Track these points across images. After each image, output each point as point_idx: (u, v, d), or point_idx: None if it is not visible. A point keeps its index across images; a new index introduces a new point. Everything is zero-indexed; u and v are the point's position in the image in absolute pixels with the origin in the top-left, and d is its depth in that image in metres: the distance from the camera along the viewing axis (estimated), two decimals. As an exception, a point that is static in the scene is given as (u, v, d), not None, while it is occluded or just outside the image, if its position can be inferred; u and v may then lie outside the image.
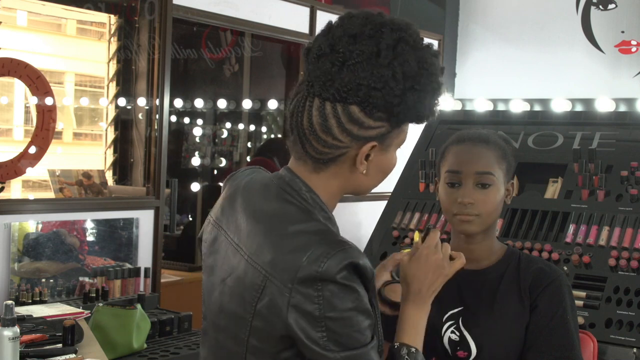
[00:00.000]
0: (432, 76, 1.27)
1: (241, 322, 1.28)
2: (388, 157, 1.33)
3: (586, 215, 2.91)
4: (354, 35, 1.24)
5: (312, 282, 1.18)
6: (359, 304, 1.21)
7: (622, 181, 2.95)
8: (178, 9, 3.38)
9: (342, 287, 1.19)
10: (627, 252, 2.73)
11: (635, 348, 2.50)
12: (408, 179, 3.43)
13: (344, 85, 1.22)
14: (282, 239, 1.25)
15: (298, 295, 1.19)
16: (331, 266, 1.18)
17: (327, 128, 1.25)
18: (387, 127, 1.28)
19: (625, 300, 2.62)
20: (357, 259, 1.21)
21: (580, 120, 3.38)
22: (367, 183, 1.34)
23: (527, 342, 1.68)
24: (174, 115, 5.30)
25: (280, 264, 1.22)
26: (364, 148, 1.27)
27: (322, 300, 1.18)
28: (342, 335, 1.20)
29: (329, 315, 1.19)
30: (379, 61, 1.22)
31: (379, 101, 1.23)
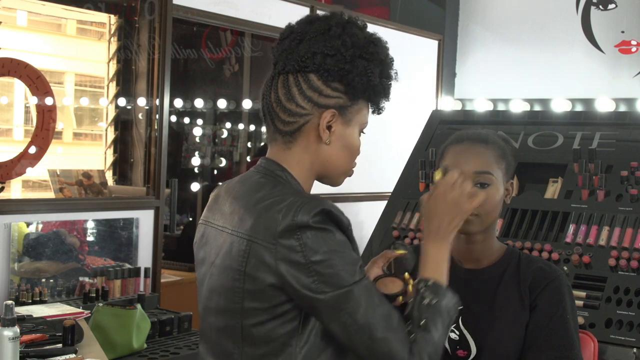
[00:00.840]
0: (378, 48, 1.42)
1: (232, 292, 1.35)
2: (349, 132, 1.44)
3: (586, 215, 2.91)
4: (310, 21, 1.45)
5: (291, 232, 1.29)
6: (340, 242, 1.31)
7: (622, 181, 2.95)
8: (178, 9, 3.38)
9: (318, 230, 1.29)
10: (627, 252, 2.73)
11: (635, 348, 2.50)
12: (408, 179, 3.43)
13: (301, 56, 1.40)
14: (257, 205, 1.35)
15: (282, 249, 1.29)
16: (304, 214, 1.29)
17: (290, 96, 1.41)
18: (345, 99, 1.42)
19: (625, 300, 2.62)
20: (329, 207, 1.32)
21: (580, 120, 3.38)
22: (335, 159, 1.44)
23: (527, 341, 1.68)
24: (174, 115, 5.30)
25: (260, 225, 1.32)
26: (324, 114, 1.40)
27: (304, 247, 1.28)
28: (330, 275, 1.28)
29: (313, 259, 1.28)
30: (330, 34, 1.40)
31: (332, 67, 1.38)
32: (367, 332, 1.29)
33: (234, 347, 1.37)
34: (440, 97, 5.06)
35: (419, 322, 1.34)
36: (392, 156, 4.36)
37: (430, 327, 1.34)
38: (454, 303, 1.42)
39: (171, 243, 4.68)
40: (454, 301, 1.42)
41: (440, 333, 1.36)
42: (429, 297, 1.37)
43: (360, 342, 1.29)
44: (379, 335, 1.29)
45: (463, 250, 1.77)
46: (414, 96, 4.80)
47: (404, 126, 4.60)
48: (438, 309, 1.37)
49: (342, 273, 1.28)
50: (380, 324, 1.29)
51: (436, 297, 1.38)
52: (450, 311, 1.40)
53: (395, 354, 1.29)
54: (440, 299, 1.38)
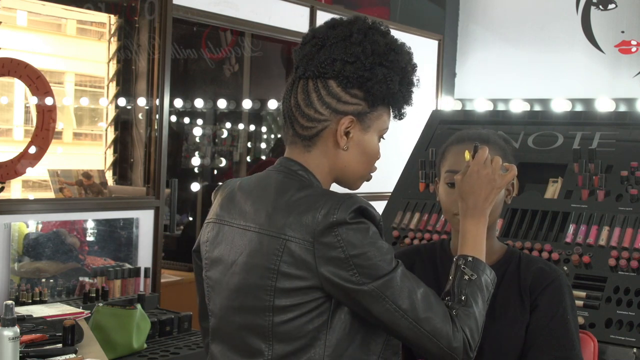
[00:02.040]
0: (399, 56, 1.44)
1: (262, 290, 1.37)
2: (368, 138, 1.46)
3: (586, 215, 2.91)
4: (332, 26, 1.45)
5: (329, 230, 1.32)
6: (374, 236, 1.35)
7: (622, 181, 2.95)
8: (178, 9, 3.38)
9: (353, 225, 1.33)
10: (627, 252, 2.73)
11: (635, 348, 2.50)
12: (408, 179, 3.42)
13: (321, 62, 1.41)
14: (290, 205, 1.37)
15: (321, 247, 1.33)
16: (342, 212, 1.33)
17: (309, 102, 1.42)
18: (364, 106, 1.43)
19: (625, 300, 2.62)
20: (364, 205, 1.36)
21: (580, 120, 3.38)
22: (353, 164, 1.46)
23: (527, 341, 1.68)
24: (174, 115, 5.30)
25: (297, 225, 1.35)
26: (342, 121, 1.42)
27: (343, 243, 1.32)
28: (370, 267, 1.33)
29: (353, 253, 1.32)
30: (351, 40, 1.41)
31: (352, 74, 1.40)
32: (411, 315, 1.34)
33: (263, 344, 1.39)
34: (440, 97, 5.06)
35: (460, 297, 1.41)
36: (392, 156, 4.36)
37: (470, 302, 1.41)
38: (492, 278, 1.49)
39: (171, 243, 4.68)
40: (492, 276, 1.49)
41: (480, 308, 1.42)
42: (468, 273, 1.44)
43: (405, 326, 1.34)
44: (422, 315, 1.34)
45: (463, 250, 1.76)
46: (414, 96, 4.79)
47: (404, 126, 4.60)
48: (478, 285, 1.44)
49: (381, 263, 1.33)
50: (421, 305, 1.35)
51: (475, 273, 1.44)
52: (489, 286, 1.47)
53: (439, 331, 1.35)
54: (480, 275, 1.45)
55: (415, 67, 1.48)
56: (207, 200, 5.40)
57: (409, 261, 1.82)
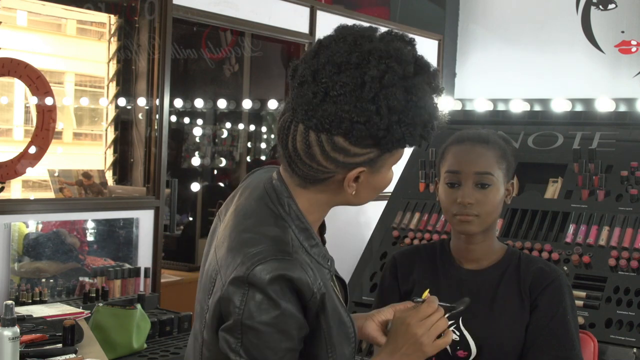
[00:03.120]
0: (420, 109, 1.19)
1: (202, 314, 1.29)
2: (381, 177, 1.27)
3: (586, 215, 2.91)
4: (338, 65, 1.17)
5: (240, 285, 1.17)
6: (280, 322, 1.17)
7: (622, 181, 2.95)
8: (178, 9, 3.38)
9: (268, 299, 1.16)
10: (627, 252, 2.73)
11: (635, 348, 2.50)
12: (408, 179, 3.42)
13: (326, 116, 1.16)
14: (238, 236, 1.24)
15: (227, 295, 1.18)
16: (260, 272, 1.16)
17: (311, 155, 1.20)
18: (376, 152, 1.22)
19: (625, 300, 2.62)
20: (291, 272, 1.17)
21: (580, 120, 3.38)
22: (358, 201, 1.30)
23: (527, 341, 1.68)
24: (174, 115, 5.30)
25: (226, 260, 1.22)
26: (351, 173, 1.22)
27: (244, 306, 1.16)
28: (253, 345, 1.17)
29: (246, 322, 1.16)
30: (362, 94, 1.15)
31: (363, 134, 1.17)
32: None
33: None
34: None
35: None
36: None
37: None
38: None
39: (171, 243, 4.68)
40: None
41: None
42: None
43: None
44: None
45: (463, 250, 1.77)
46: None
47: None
48: None
49: (267, 351, 1.17)
50: None
51: None
52: None
53: None
54: None
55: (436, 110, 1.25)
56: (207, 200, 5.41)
57: (409, 261, 1.83)
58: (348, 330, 1.29)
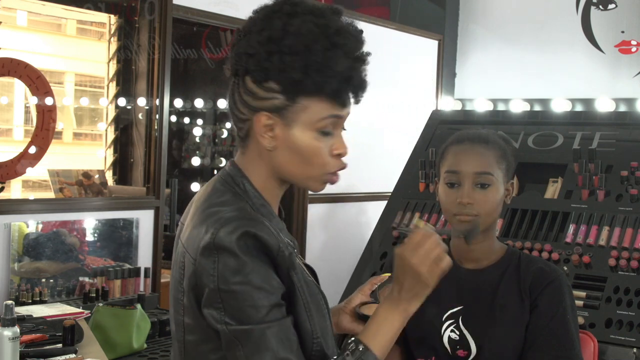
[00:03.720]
0: (297, 37, 1.23)
1: (178, 303, 1.29)
2: (295, 134, 1.26)
3: (586, 215, 2.91)
4: (250, 17, 1.32)
5: (209, 252, 1.19)
6: (254, 278, 1.18)
7: (622, 181, 2.95)
8: (178, 9, 3.38)
9: (236, 258, 1.18)
10: (627, 252, 2.73)
11: (635, 348, 2.50)
12: (408, 179, 3.42)
13: (232, 58, 1.30)
14: (201, 214, 1.26)
15: (200, 267, 1.20)
16: (225, 233, 1.18)
17: (234, 102, 1.31)
18: (281, 99, 1.25)
19: (625, 300, 2.62)
20: (254, 229, 1.19)
21: (580, 120, 3.38)
22: (286, 165, 1.29)
23: (527, 341, 1.68)
24: (174, 115, 5.30)
25: (192, 237, 1.24)
26: (257, 117, 1.27)
27: (217, 272, 1.18)
28: (235, 308, 1.18)
29: (222, 287, 1.18)
30: (253, 30, 1.27)
31: (255, 68, 1.25)
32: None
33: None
34: (440, 97, 5.06)
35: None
36: (392, 156, 4.36)
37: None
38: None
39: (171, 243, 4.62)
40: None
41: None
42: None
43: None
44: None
45: (463, 250, 1.77)
46: (414, 96, 4.80)
47: (404, 126, 4.60)
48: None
49: (249, 310, 1.17)
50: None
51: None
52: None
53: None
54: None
55: (333, 45, 1.23)
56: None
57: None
58: (320, 302, 1.30)
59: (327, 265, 3.83)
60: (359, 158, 4.29)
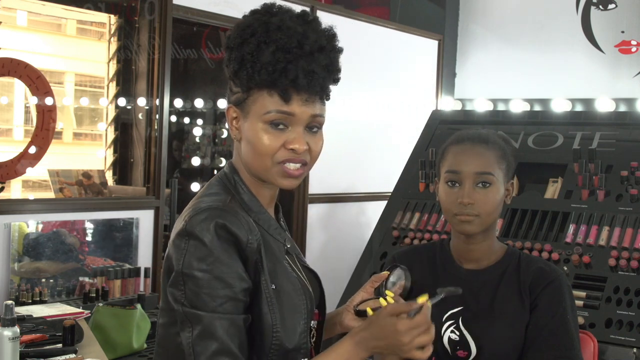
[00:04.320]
0: (241, 32, 1.31)
1: (164, 291, 1.33)
2: (247, 126, 1.33)
3: (586, 215, 2.91)
4: None
5: (180, 237, 1.26)
6: (215, 268, 1.23)
7: (622, 181, 2.95)
8: (178, 9, 3.38)
9: (202, 245, 1.23)
10: (627, 252, 2.73)
11: (635, 348, 2.50)
12: (408, 179, 3.42)
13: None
14: (187, 207, 1.34)
15: (171, 250, 1.28)
16: (198, 221, 1.24)
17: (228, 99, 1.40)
18: (240, 93, 1.34)
19: (625, 300, 2.62)
20: (223, 219, 1.25)
21: (580, 120, 3.38)
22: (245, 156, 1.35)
23: (527, 341, 1.68)
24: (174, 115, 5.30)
25: (174, 227, 1.31)
26: (227, 111, 1.37)
27: (184, 257, 1.24)
28: (193, 292, 1.23)
29: (185, 271, 1.24)
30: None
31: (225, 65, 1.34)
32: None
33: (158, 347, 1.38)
34: (440, 97, 5.06)
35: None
36: (392, 156, 4.36)
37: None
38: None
39: (171, 243, 4.67)
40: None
41: None
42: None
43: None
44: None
45: (463, 250, 1.77)
46: (414, 96, 4.80)
47: (404, 126, 4.60)
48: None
49: (205, 297, 1.22)
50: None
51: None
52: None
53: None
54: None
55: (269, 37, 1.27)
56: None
57: (409, 261, 1.83)
58: (295, 302, 1.33)
59: (327, 265, 3.83)
60: (359, 158, 4.29)
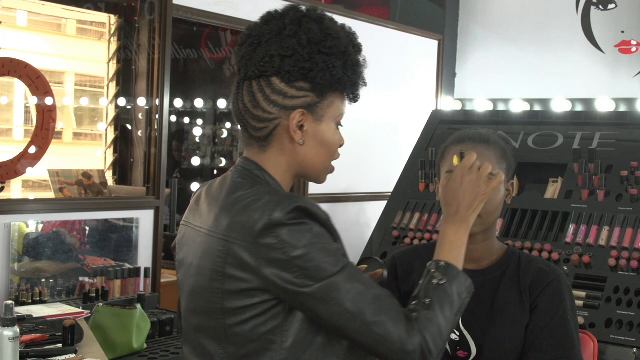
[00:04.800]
0: (337, 40, 1.37)
1: (211, 292, 1.35)
2: (323, 128, 1.40)
3: (586, 215, 2.91)
4: (266, 21, 1.41)
5: (268, 231, 1.28)
6: (318, 235, 1.30)
7: (622, 181, 2.95)
8: (178, 9, 3.38)
9: (294, 225, 1.28)
10: (627, 252, 2.73)
11: (635, 348, 2.50)
12: (408, 179, 3.43)
13: (259, 60, 1.37)
14: (234, 205, 1.34)
15: (262, 248, 1.28)
16: (280, 211, 1.28)
17: (256, 103, 1.38)
18: (312, 96, 1.38)
19: (625, 300, 2.62)
20: (304, 204, 1.30)
21: (580, 120, 3.38)
22: (312, 157, 1.41)
23: (527, 342, 1.68)
24: (174, 115, 5.30)
25: (237, 225, 1.31)
26: (292, 115, 1.37)
27: (283, 244, 1.27)
28: (312, 268, 1.27)
29: (294, 254, 1.27)
30: (285, 33, 1.36)
31: (292, 68, 1.35)
32: (359, 318, 1.28)
33: (217, 347, 1.36)
34: (440, 97, 5.06)
35: (424, 301, 1.34)
36: (392, 156, 4.36)
37: (435, 306, 1.33)
38: (467, 287, 1.40)
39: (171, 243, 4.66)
40: (467, 285, 1.40)
41: (446, 315, 1.33)
42: (437, 278, 1.37)
43: (355, 329, 1.28)
44: (371, 319, 1.28)
45: (463, 250, 1.76)
46: (414, 96, 4.80)
47: (404, 126, 4.60)
48: (446, 291, 1.35)
49: (324, 264, 1.28)
50: (371, 308, 1.28)
51: (445, 279, 1.37)
52: (462, 294, 1.38)
53: (391, 334, 1.28)
54: (450, 281, 1.37)
55: (358, 47, 1.42)
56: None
57: (409, 261, 1.83)
58: None
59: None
60: (359, 158, 4.29)
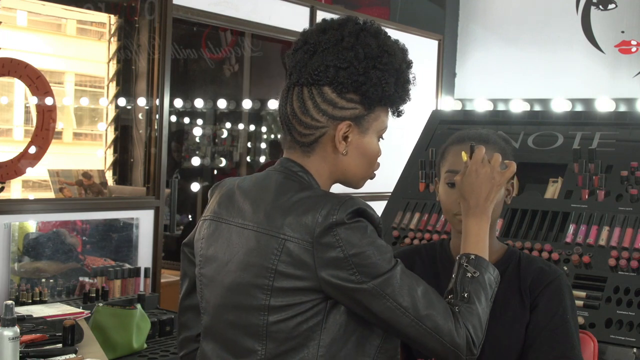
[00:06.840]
0: (392, 57, 1.42)
1: (259, 289, 1.37)
2: (367, 140, 1.45)
3: (586, 215, 2.91)
4: (323, 29, 1.43)
5: (328, 231, 1.32)
6: (373, 235, 1.36)
7: (622, 181, 2.95)
8: (178, 9, 3.38)
9: (351, 225, 1.33)
10: (627, 252, 2.73)
11: (635, 348, 2.50)
12: (408, 179, 3.42)
13: (314, 69, 1.40)
14: (291, 205, 1.37)
15: (320, 247, 1.33)
16: (341, 213, 1.33)
17: (305, 110, 1.42)
18: (360, 109, 1.43)
19: (625, 300, 2.62)
20: (363, 206, 1.37)
21: (580, 120, 3.37)
22: (353, 167, 1.46)
23: (527, 341, 1.68)
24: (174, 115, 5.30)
25: (296, 225, 1.35)
26: (340, 126, 1.41)
27: (342, 243, 1.32)
28: (369, 265, 1.33)
29: (352, 252, 1.32)
30: (342, 45, 1.40)
31: (346, 80, 1.39)
32: (412, 312, 1.34)
33: (255, 344, 1.38)
34: (440, 97, 5.06)
35: (462, 294, 1.42)
36: (392, 156, 4.36)
37: (473, 299, 1.42)
38: (496, 276, 1.49)
39: (171, 243, 4.68)
40: (496, 274, 1.49)
41: (483, 305, 1.43)
42: (471, 271, 1.45)
43: (407, 323, 1.34)
44: (423, 312, 1.35)
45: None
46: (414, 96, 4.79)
47: (403, 126, 4.60)
48: (481, 282, 1.44)
49: (380, 261, 1.34)
50: (422, 302, 1.35)
51: (478, 271, 1.45)
52: (492, 284, 1.47)
53: (441, 327, 1.35)
54: (483, 273, 1.46)
55: (410, 64, 1.48)
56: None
57: (409, 261, 1.83)
58: None
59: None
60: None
